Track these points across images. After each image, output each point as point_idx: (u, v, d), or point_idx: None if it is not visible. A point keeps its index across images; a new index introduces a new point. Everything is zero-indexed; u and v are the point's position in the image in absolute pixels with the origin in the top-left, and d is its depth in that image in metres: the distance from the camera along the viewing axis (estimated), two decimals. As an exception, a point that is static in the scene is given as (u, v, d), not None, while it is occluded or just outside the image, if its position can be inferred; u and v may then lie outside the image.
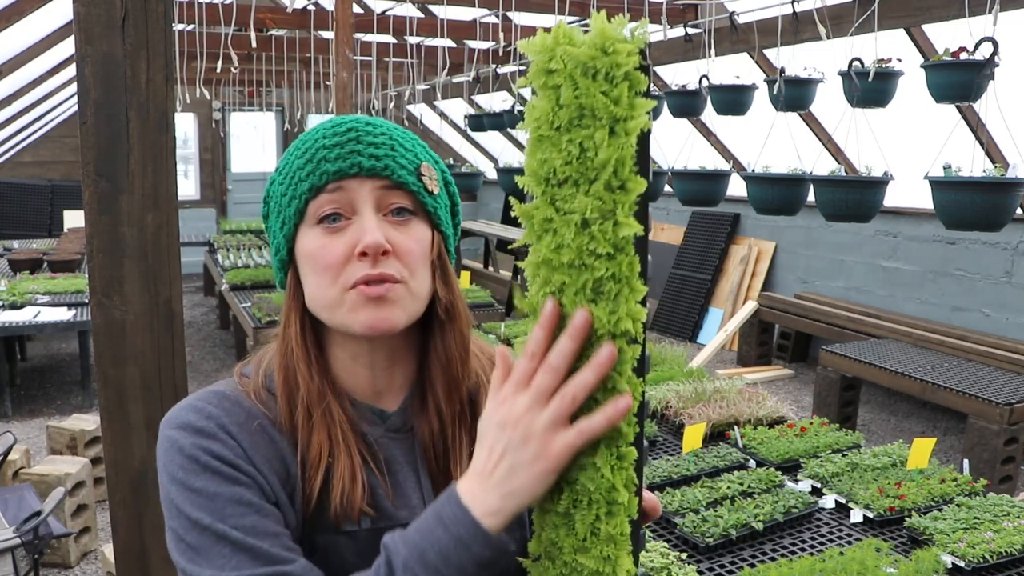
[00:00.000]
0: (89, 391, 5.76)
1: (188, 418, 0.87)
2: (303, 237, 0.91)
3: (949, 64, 3.53)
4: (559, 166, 0.72)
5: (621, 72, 0.69)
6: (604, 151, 0.69)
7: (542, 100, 0.73)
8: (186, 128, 11.66)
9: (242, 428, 0.88)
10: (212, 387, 0.93)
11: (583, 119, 0.71)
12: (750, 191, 4.32)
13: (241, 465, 0.85)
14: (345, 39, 4.55)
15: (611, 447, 0.75)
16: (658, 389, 3.19)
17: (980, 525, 2.16)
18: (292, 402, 0.91)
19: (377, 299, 0.87)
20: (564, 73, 0.71)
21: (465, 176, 7.27)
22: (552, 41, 0.72)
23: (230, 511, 0.83)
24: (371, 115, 0.99)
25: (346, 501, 0.87)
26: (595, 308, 0.72)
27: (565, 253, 0.72)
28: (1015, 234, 5.71)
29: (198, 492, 0.83)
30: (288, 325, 0.93)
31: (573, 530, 0.77)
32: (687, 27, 5.66)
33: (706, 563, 2.06)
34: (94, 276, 1.65)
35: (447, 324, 0.95)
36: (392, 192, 0.90)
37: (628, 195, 0.70)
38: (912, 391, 4.97)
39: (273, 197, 0.95)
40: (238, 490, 0.84)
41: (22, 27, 4.93)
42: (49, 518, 2.96)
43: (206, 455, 0.84)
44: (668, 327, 8.36)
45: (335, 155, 0.88)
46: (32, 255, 7.15)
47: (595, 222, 0.71)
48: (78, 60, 1.58)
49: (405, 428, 0.96)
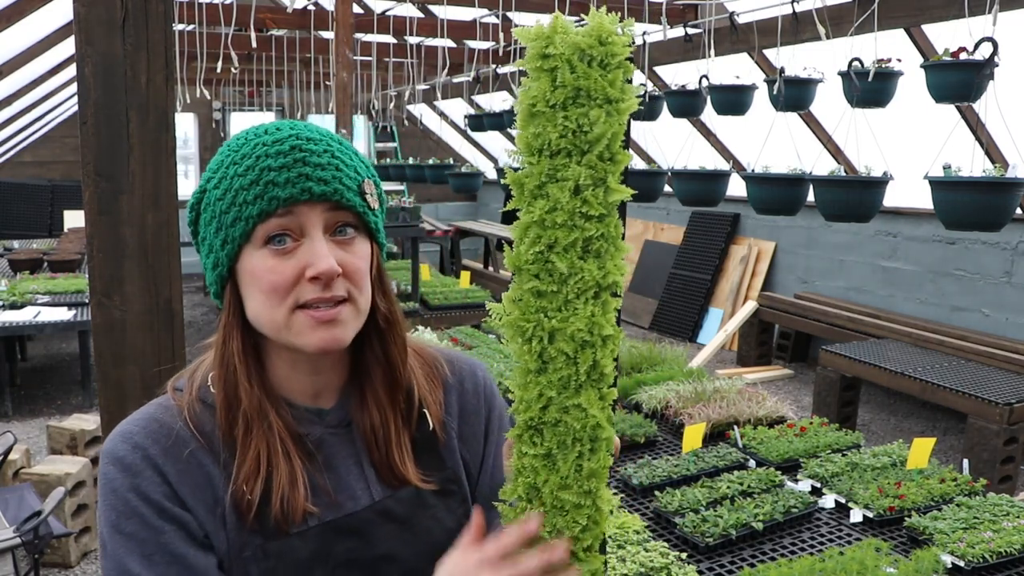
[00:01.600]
0: (89, 391, 5.76)
1: (118, 452, 0.91)
2: (248, 257, 0.91)
3: (949, 64, 3.53)
4: (555, 139, 0.80)
5: (616, 60, 0.79)
6: (599, 126, 0.79)
7: (538, 81, 0.80)
8: (186, 128, 11.66)
9: (168, 456, 0.90)
10: (147, 407, 0.96)
11: (579, 98, 0.79)
12: (750, 191, 4.32)
13: (166, 507, 0.89)
14: (345, 39, 4.55)
15: (596, 388, 0.83)
16: (658, 389, 3.19)
17: (980, 525, 2.16)
18: (232, 416, 0.93)
19: (327, 322, 0.90)
20: (561, 58, 0.79)
21: (465, 176, 7.27)
22: (549, 29, 0.80)
23: (157, 559, 0.87)
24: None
25: (287, 505, 0.90)
26: (585, 264, 0.81)
27: (559, 215, 0.80)
28: (1015, 234, 5.71)
29: (128, 536, 0.88)
30: (229, 341, 0.93)
31: (555, 469, 0.84)
32: (687, 27, 5.66)
33: (706, 563, 2.06)
34: (94, 276, 1.65)
35: (387, 331, 0.99)
36: (338, 212, 0.92)
37: (617, 166, 0.81)
38: (912, 391, 4.97)
39: (211, 212, 0.93)
40: (164, 539, 0.88)
41: (22, 27, 4.93)
42: (49, 518, 2.96)
43: (136, 498, 0.88)
44: (668, 327, 8.36)
45: (284, 179, 0.88)
46: (32, 255, 7.15)
47: (587, 188, 0.80)
48: (78, 60, 1.58)
49: (343, 423, 0.99)
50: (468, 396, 1.08)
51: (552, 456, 0.84)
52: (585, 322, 0.81)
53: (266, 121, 0.97)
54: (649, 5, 5.31)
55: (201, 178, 0.97)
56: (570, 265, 0.81)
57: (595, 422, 0.82)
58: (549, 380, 0.83)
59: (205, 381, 0.96)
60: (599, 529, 0.86)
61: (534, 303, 0.83)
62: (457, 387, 1.08)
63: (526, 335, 0.83)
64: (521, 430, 0.85)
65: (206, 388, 0.96)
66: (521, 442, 0.85)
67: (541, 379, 0.83)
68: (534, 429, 0.84)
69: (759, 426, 2.95)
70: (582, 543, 0.85)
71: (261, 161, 0.89)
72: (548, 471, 0.84)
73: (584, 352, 0.82)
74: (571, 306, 0.82)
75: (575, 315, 0.81)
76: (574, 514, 0.84)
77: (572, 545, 0.84)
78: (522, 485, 0.85)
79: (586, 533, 0.85)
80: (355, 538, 0.94)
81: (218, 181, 0.92)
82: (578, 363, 0.82)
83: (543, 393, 0.83)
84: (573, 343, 0.82)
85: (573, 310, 0.81)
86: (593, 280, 0.81)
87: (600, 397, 0.83)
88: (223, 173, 0.92)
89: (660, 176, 5.23)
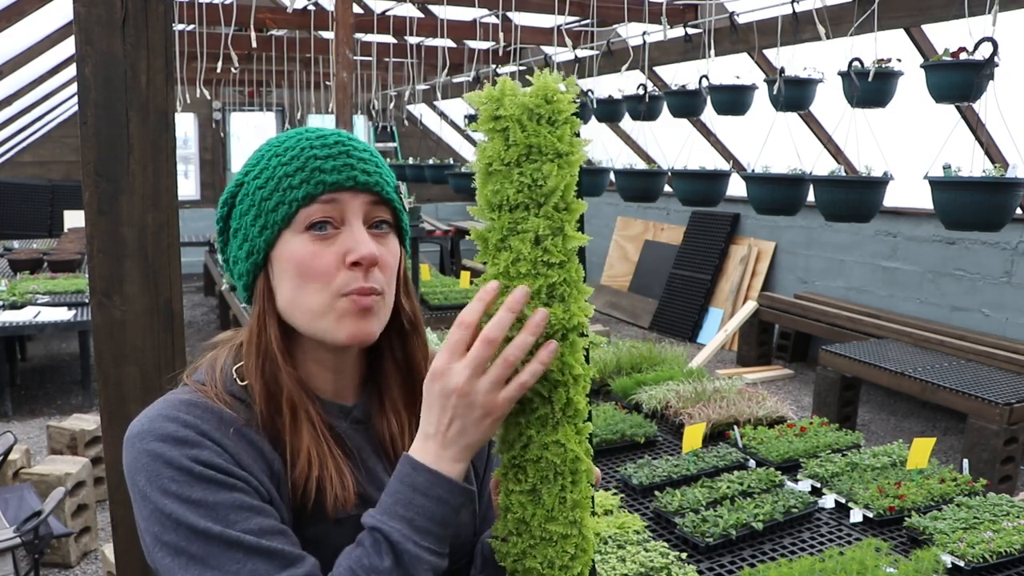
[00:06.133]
0: (89, 391, 5.76)
1: (166, 429, 0.86)
2: (287, 242, 0.92)
3: (949, 64, 3.53)
4: (512, 194, 0.85)
5: (563, 116, 0.85)
6: (553, 180, 0.84)
7: (492, 142, 0.86)
8: (186, 128, 11.66)
9: (220, 431, 0.89)
10: (171, 397, 0.93)
11: (531, 155, 0.84)
12: (750, 191, 4.32)
13: (233, 470, 0.86)
14: (345, 39, 4.55)
15: (572, 423, 0.87)
16: (658, 389, 3.19)
17: (980, 525, 2.16)
18: (274, 405, 0.92)
19: (364, 311, 0.91)
20: (512, 118, 0.84)
21: (465, 176, 7.27)
22: (499, 92, 0.85)
23: (235, 517, 0.83)
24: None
25: (341, 495, 0.90)
26: (551, 308, 0.85)
27: (523, 265, 0.85)
28: (1015, 234, 5.71)
29: (198, 503, 0.83)
30: (265, 329, 0.94)
31: (541, 503, 0.88)
32: (687, 27, 5.66)
33: (706, 563, 2.06)
34: (94, 276, 1.65)
35: (411, 333, 1.01)
36: (377, 207, 0.94)
37: (572, 214, 0.85)
38: (912, 391, 4.97)
39: (249, 200, 0.94)
40: (236, 495, 0.85)
41: (22, 27, 4.93)
42: (49, 518, 2.96)
43: (198, 465, 0.85)
44: (668, 327, 8.36)
45: (331, 166, 0.91)
46: (32, 255, 7.15)
47: (547, 238, 0.85)
48: (78, 60, 1.58)
49: (365, 420, 1.01)
50: None
51: (537, 491, 0.88)
52: (556, 363, 0.85)
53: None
54: (649, 5, 5.31)
55: (235, 175, 0.99)
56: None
57: (574, 455, 0.87)
58: (528, 420, 0.87)
59: (230, 375, 0.95)
60: (587, 556, 0.89)
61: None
62: None
63: None
64: (506, 468, 0.90)
65: (232, 381, 0.95)
66: (507, 480, 0.90)
67: (520, 419, 0.88)
68: (518, 467, 0.89)
69: (759, 426, 2.95)
70: (572, 571, 0.89)
71: (307, 151, 0.92)
72: (534, 505, 0.88)
73: (558, 391, 0.86)
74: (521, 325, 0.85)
75: None
76: (562, 544, 0.88)
77: (564, 573, 0.88)
78: (511, 520, 0.90)
79: (575, 561, 0.89)
80: None
81: (259, 172, 0.94)
82: (553, 402, 0.86)
83: (523, 432, 0.88)
84: (547, 383, 0.86)
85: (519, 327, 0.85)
86: (560, 323, 0.85)
87: (576, 432, 0.87)
88: (264, 164, 0.94)
89: (660, 176, 5.23)
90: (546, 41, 6.66)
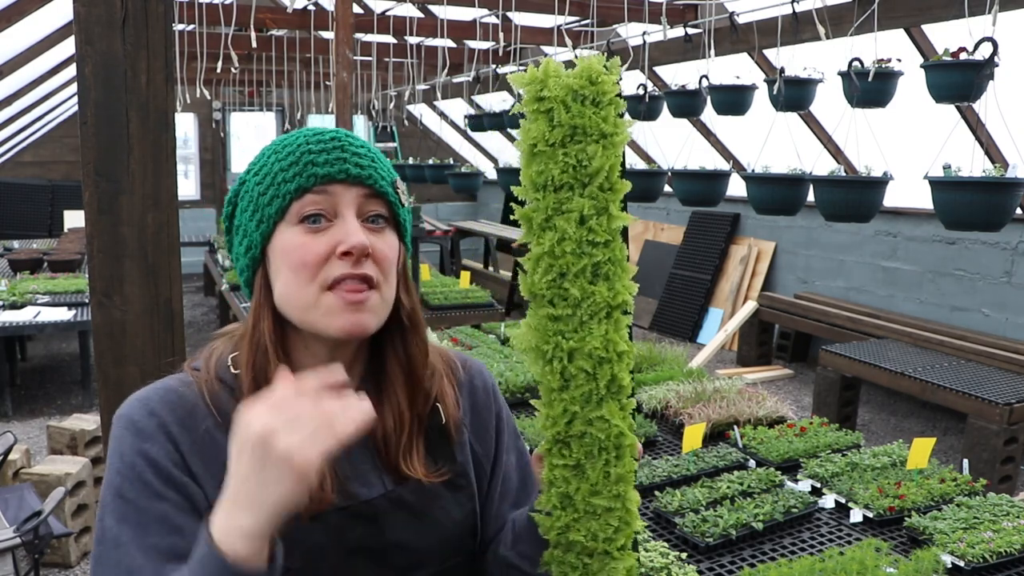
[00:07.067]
0: (89, 391, 5.76)
1: (133, 415, 0.91)
2: (281, 235, 0.93)
3: (949, 64, 3.53)
4: (557, 174, 0.86)
5: (607, 98, 0.86)
6: (598, 160, 0.85)
7: (536, 123, 0.87)
8: (186, 128, 11.66)
9: (183, 427, 0.91)
10: (166, 379, 0.96)
11: (576, 136, 0.86)
12: (750, 191, 4.32)
13: (174, 475, 0.88)
14: (345, 39, 4.54)
15: (616, 400, 0.89)
16: (658, 389, 3.19)
17: (980, 525, 2.16)
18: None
19: (356, 304, 0.90)
20: (556, 99, 0.86)
21: (465, 176, 7.27)
22: (543, 73, 0.86)
23: (152, 529, 0.86)
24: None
25: (318, 494, 0.90)
26: (595, 287, 0.87)
27: (568, 244, 0.86)
28: (1015, 234, 5.71)
29: (127, 502, 0.86)
30: (260, 321, 0.95)
31: (585, 477, 0.90)
32: (687, 27, 5.66)
33: (706, 563, 2.06)
34: (94, 276, 1.65)
35: (409, 330, 1.00)
36: (372, 200, 0.94)
37: (617, 194, 0.87)
38: (912, 391, 4.97)
39: (247, 196, 0.96)
40: (163, 508, 0.86)
41: (22, 27, 4.93)
42: (49, 518, 2.96)
43: (143, 462, 0.87)
44: (668, 327, 8.36)
45: (323, 160, 0.92)
46: (32, 255, 7.15)
47: (591, 217, 0.86)
48: (78, 60, 1.58)
49: None
50: (479, 393, 1.12)
51: (581, 466, 0.90)
52: (600, 340, 0.87)
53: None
54: (649, 5, 5.31)
55: (240, 175, 1.00)
56: (582, 289, 0.87)
57: (618, 431, 0.89)
58: (572, 396, 0.89)
59: (224, 362, 0.97)
60: (631, 529, 0.91)
61: (551, 327, 0.89)
62: (468, 384, 1.11)
63: (546, 357, 0.90)
64: (550, 444, 0.91)
65: (225, 368, 0.96)
66: (551, 455, 0.91)
67: (564, 396, 0.89)
68: (562, 442, 0.90)
69: (759, 426, 2.95)
70: (615, 543, 0.91)
71: (303, 147, 0.93)
72: (579, 480, 0.90)
73: (602, 368, 0.88)
74: (586, 327, 0.88)
75: (590, 335, 0.88)
76: (606, 517, 0.90)
77: (607, 546, 0.90)
78: (555, 495, 0.91)
79: (619, 533, 0.91)
80: (368, 525, 0.95)
81: (258, 169, 0.96)
82: (597, 378, 0.88)
83: (567, 409, 0.89)
84: (591, 360, 0.88)
85: (588, 330, 0.88)
86: (604, 301, 0.88)
87: (620, 407, 0.89)
88: (264, 162, 0.96)
89: (660, 176, 5.23)
90: (546, 41, 6.66)
